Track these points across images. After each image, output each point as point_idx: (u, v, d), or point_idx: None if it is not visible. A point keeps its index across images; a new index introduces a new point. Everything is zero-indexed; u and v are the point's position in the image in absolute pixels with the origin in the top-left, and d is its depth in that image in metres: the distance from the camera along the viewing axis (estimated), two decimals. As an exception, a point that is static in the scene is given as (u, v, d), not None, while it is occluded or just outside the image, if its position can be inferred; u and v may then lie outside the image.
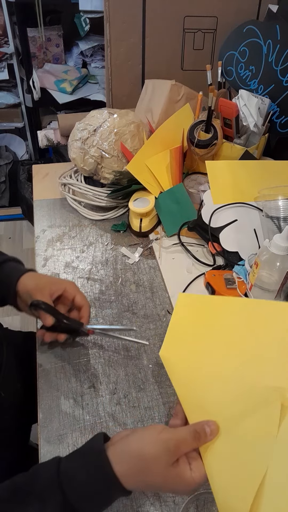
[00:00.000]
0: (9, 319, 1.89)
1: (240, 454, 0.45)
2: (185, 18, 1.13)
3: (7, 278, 0.64)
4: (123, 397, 0.63)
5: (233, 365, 0.50)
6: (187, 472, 0.43)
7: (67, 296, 0.65)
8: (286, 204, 0.79)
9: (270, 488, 0.42)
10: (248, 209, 0.88)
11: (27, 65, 1.87)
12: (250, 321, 0.53)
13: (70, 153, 0.96)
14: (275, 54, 0.93)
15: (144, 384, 0.65)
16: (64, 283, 0.65)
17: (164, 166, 0.97)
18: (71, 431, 0.59)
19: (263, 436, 0.45)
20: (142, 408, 0.62)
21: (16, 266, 0.67)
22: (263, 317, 0.53)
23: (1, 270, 0.66)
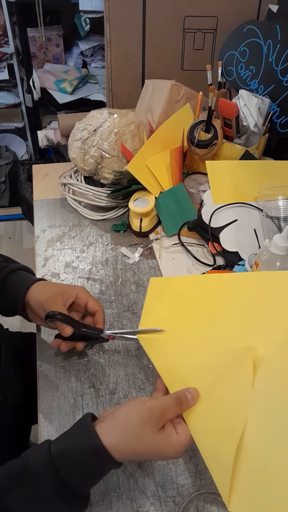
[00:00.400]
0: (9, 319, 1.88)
1: (220, 411, 0.48)
2: (185, 18, 1.12)
3: (16, 289, 0.63)
4: (123, 397, 0.63)
5: (205, 333, 0.55)
6: (173, 435, 0.46)
7: (79, 302, 0.63)
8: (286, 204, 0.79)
9: (250, 436, 0.46)
10: (248, 209, 0.88)
11: (27, 65, 1.87)
12: (217, 292, 0.58)
13: (70, 153, 0.96)
14: (275, 54, 0.93)
15: (144, 384, 0.65)
16: (75, 289, 0.63)
17: (164, 166, 0.97)
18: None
19: (239, 392, 0.49)
20: (142, 408, 0.62)
21: (25, 276, 0.65)
22: (228, 287, 0.58)
23: (10, 280, 0.64)
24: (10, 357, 0.79)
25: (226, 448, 0.46)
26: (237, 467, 0.45)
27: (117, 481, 0.55)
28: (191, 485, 0.55)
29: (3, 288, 0.63)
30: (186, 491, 0.54)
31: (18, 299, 0.62)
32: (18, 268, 0.66)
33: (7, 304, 0.64)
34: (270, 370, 0.49)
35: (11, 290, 0.63)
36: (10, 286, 0.63)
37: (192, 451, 0.58)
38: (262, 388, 0.48)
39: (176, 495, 0.54)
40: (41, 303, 0.60)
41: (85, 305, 0.63)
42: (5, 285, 0.63)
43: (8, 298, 0.63)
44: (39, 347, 0.70)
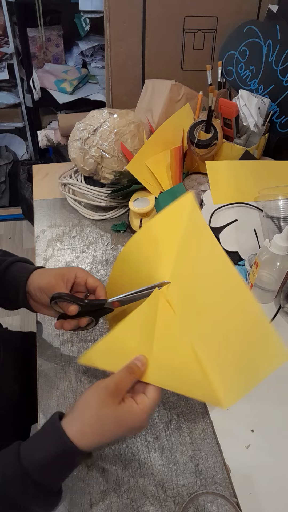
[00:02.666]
0: (9, 319, 1.89)
1: (168, 352, 0.53)
2: (185, 18, 1.13)
3: (16, 280, 0.63)
4: (123, 397, 0.63)
5: (141, 277, 0.59)
6: (133, 405, 0.47)
7: (79, 282, 0.63)
8: (286, 204, 0.79)
9: (199, 347, 0.52)
10: (248, 209, 0.88)
11: (27, 65, 1.88)
12: (149, 239, 0.61)
13: (70, 153, 0.96)
14: (275, 54, 0.93)
15: (144, 384, 0.65)
16: (73, 270, 0.63)
17: (164, 166, 0.96)
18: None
19: (170, 327, 0.54)
20: (142, 408, 0.62)
21: (24, 267, 0.65)
22: (156, 232, 0.60)
23: (9, 272, 0.64)
24: (9, 357, 0.79)
25: (192, 372, 0.51)
26: (209, 374, 0.51)
27: (117, 481, 0.55)
28: (191, 485, 0.55)
29: (3, 281, 0.63)
30: (186, 491, 0.54)
31: (19, 290, 0.62)
32: (16, 260, 0.66)
33: (9, 297, 0.64)
34: (179, 290, 0.55)
35: (11, 282, 0.63)
36: (10, 278, 0.63)
37: (192, 451, 0.58)
38: (182, 307, 0.54)
39: (176, 495, 0.54)
40: (43, 288, 0.60)
41: (84, 283, 0.63)
42: (5, 278, 0.63)
43: (10, 290, 0.63)
44: (39, 347, 0.70)
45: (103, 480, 0.55)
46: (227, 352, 0.51)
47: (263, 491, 0.54)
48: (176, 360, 0.53)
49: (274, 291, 0.76)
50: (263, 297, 0.77)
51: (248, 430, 0.61)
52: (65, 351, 0.69)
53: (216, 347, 0.52)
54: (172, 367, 0.52)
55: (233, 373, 0.51)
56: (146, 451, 0.58)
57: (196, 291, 0.54)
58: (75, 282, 0.63)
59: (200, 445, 0.58)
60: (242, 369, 0.50)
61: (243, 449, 0.58)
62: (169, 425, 0.61)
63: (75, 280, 0.63)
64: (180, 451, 0.58)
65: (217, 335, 0.52)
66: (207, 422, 0.61)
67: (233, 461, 0.57)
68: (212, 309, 0.52)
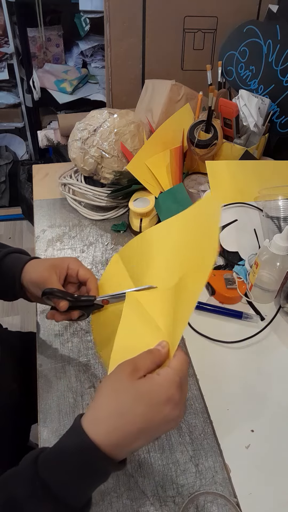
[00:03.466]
0: (9, 319, 1.89)
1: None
2: (185, 18, 1.13)
3: (11, 272, 0.62)
4: (123, 397, 0.63)
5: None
6: (155, 377, 0.40)
7: (71, 273, 0.62)
8: (286, 204, 0.79)
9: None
10: (248, 209, 0.88)
11: (27, 65, 1.88)
12: (149, 248, 0.59)
13: (70, 153, 0.96)
14: (275, 54, 0.93)
15: (144, 384, 0.65)
16: (66, 261, 0.62)
17: (164, 166, 0.96)
18: (71, 431, 0.59)
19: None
20: (142, 408, 0.62)
21: (18, 258, 0.64)
22: (159, 239, 0.59)
23: (4, 264, 0.63)
24: (7, 356, 0.79)
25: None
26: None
27: (117, 481, 0.55)
28: (191, 485, 0.55)
29: (0, 273, 0.63)
30: (186, 491, 0.54)
31: (15, 282, 0.61)
32: (11, 251, 0.65)
33: (6, 288, 0.63)
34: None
35: (7, 273, 0.62)
36: (6, 270, 0.63)
37: (192, 451, 0.58)
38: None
39: (176, 495, 0.54)
40: (35, 281, 0.60)
41: (76, 274, 0.62)
42: (1, 269, 0.63)
43: (6, 282, 0.62)
44: (39, 347, 0.70)
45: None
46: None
47: (263, 491, 0.54)
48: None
49: (274, 291, 0.76)
50: (263, 297, 0.77)
51: (248, 430, 0.61)
52: (65, 351, 0.69)
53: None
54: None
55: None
56: (146, 451, 0.58)
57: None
58: (68, 273, 0.62)
59: (200, 445, 0.58)
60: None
61: (243, 449, 0.58)
62: (169, 425, 0.61)
63: (67, 272, 0.62)
64: (180, 451, 0.58)
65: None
66: (207, 422, 0.61)
67: (233, 461, 0.57)
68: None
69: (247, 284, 0.78)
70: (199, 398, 0.64)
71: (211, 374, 0.67)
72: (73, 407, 0.62)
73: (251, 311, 0.77)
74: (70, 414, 0.61)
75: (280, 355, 0.70)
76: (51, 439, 0.58)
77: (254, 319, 0.75)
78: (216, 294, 0.78)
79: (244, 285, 0.77)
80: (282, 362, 0.69)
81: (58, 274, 0.60)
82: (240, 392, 0.65)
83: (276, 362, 0.69)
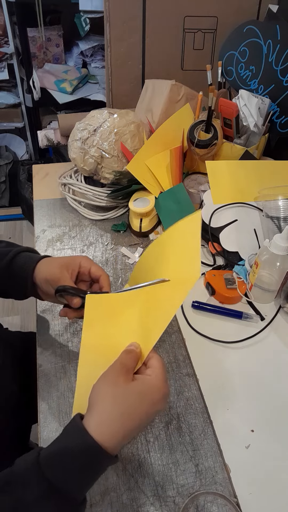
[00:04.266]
0: (9, 319, 1.89)
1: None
2: (185, 18, 1.12)
3: (23, 271, 0.62)
4: (123, 397, 0.63)
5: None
6: (147, 377, 0.46)
7: (83, 271, 0.63)
8: (286, 204, 0.79)
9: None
10: (248, 209, 0.88)
11: (27, 65, 1.88)
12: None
13: (70, 153, 0.96)
14: (275, 54, 0.93)
15: (144, 384, 0.65)
16: (78, 259, 0.63)
17: (164, 166, 0.97)
18: (71, 431, 0.59)
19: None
20: (142, 408, 0.62)
21: (30, 257, 0.64)
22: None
23: (16, 263, 0.63)
24: (8, 357, 0.79)
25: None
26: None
27: (117, 481, 0.55)
28: (191, 485, 0.55)
29: (11, 271, 0.63)
30: (186, 491, 0.54)
31: (27, 280, 0.62)
32: (22, 250, 0.65)
33: (18, 287, 0.64)
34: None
35: (18, 272, 0.63)
36: (17, 269, 0.63)
37: (192, 451, 0.58)
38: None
39: (176, 495, 0.54)
40: (47, 280, 0.60)
41: (88, 272, 0.63)
42: (13, 269, 0.63)
43: (17, 281, 0.63)
44: (39, 347, 0.70)
45: (103, 480, 0.55)
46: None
47: (263, 491, 0.54)
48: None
49: (274, 291, 0.76)
50: (263, 297, 0.77)
51: (248, 430, 0.61)
52: (65, 351, 0.69)
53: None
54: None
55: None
56: (146, 451, 0.58)
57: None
58: (80, 271, 0.62)
59: (200, 445, 0.58)
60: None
61: (243, 449, 0.58)
62: (169, 425, 0.61)
63: (79, 270, 0.62)
64: (180, 451, 0.58)
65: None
66: (207, 422, 0.61)
67: (233, 461, 0.57)
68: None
69: (247, 284, 0.78)
70: (199, 398, 0.64)
71: (211, 374, 0.67)
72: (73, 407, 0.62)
73: (251, 311, 0.77)
74: (70, 414, 0.61)
75: (280, 355, 0.70)
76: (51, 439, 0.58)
77: (254, 319, 0.75)
78: (216, 294, 0.78)
79: (244, 285, 0.77)
80: (282, 362, 0.69)
81: (70, 272, 0.61)
82: (240, 392, 0.65)
83: (276, 362, 0.69)
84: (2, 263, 0.63)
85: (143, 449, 0.58)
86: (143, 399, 0.44)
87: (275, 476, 0.56)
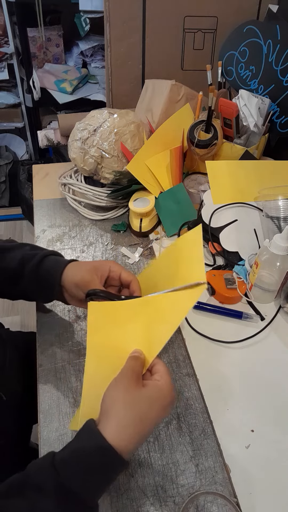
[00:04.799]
0: (9, 319, 1.89)
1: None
2: (185, 18, 1.12)
3: (50, 275, 0.62)
4: (123, 397, 0.63)
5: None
6: (157, 382, 0.47)
7: (113, 276, 0.62)
8: (286, 204, 0.79)
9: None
10: (248, 209, 0.88)
11: (27, 65, 1.88)
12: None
13: (70, 153, 0.96)
14: (275, 54, 0.93)
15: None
16: (107, 264, 0.63)
17: (164, 166, 0.97)
18: (71, 431, 0.59)
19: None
20: (142, 408, 0.62)
21: (57, 260, 0.64)
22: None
23: (43, 266, 0.63)
24: (13, 358, 0.79)
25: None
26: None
27: (117, 481, 0.55)
28: (191, 485, 0.55)
29: (38, 275, 0.63)
30: (186, 491, 0.54)
31: (54, 284, 0.62)
32: (48, 254, 0.65)
33: (45, 291, 0.64)
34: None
35: (45, 276, 0.62)
36: (44, 272, 0.63)
37: (192, 451, 0.58)
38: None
39: (176, 495, 0.54)
40: (76, 283, 0.60)
41: (118, 277, 0.63)
42: (40, 272, 0.63)
43: (44, 285, 0.63)
44: (39, 347, 0.70)
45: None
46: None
47: (263, 491, 0.54)
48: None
49: (274, 291, 0.76)
50: (263, 297, 0.77)
51: (248, 430, 0.61)
52: (65, 351, 0.69)
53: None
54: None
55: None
56: (146, 451, 0.58)
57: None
58: (109, 276, 0.62)
59: (200, 445, 0.58)
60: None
61: (243, 449, 0.58)
62: (169, 425, 0.61)
63: (109, 274, 0.62)
64: (180, 451, 0.58)
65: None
66: (207, 422, 0.61)
67: (233, 461, 0.57)
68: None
69: (247, 284, 0.78)
70: (199, 398, 0.64)
71: (211, 374, 0.67)
72: (73, 407, 0.62)
73: (251, 311, 0.77)
74: (70, 414, 0.61)
75: (280, 355, 0.70)
76: (51, 439, 0.58)
77: (254, 319, 0.75)
78: (216, 294, 0.78)
79: (244, 285, 0.77)
80: (282, 362, 0.69)
81: (100, 276, 0.61)
82: (240, 392, 0.65)
83: (276, 362, 0.69)
84: (29, 266, 0.63)
85: (143, 449, 0.58)
86: (154, 404, 0.45)
87: (275, 476, 0.56)
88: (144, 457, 0.57)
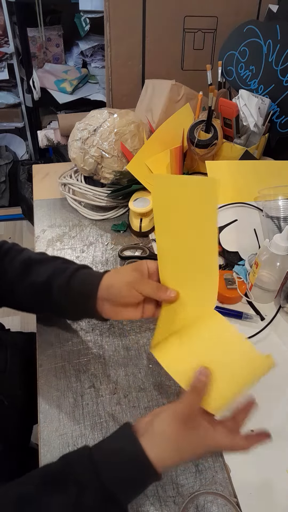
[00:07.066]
0: (9, 319, 1.89)
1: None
2: (185, 18, 1.13)
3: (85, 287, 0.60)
4: (123, 397, 0.63)
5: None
6: (209, 432, 0.48)
7: (152, 273, 0.59)
8: (286, 204, 0.79)
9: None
10: (248, 209, 0.88)
11: (27, 65, 1.87)
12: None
13: (70, 153, 0.96)
14: (275, 54, 0.93)
15: (144, 384, 0.65)
16: (143, 263, 0.59)
17: (164, 166, 0.97)
18: (71, 431, 0.59)
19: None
20: (142, 408, 0.62)
21: (90, 273, 0.62)
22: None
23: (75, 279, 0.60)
24: (15, 360, 0.79)
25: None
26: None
27: (117, 481, 0.55)
28: (191, 485, 0.55)
29: (71, 289, 0.60)
30: (186, 491, 0.54)
31: (90, 296, 0.59)
32: (79, 268, 0.63)
33: (78, 306, 0.61)
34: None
35: (79, 289, 0.60)
36: (77, 285, 0.60)
37: (192, 451, 0.58)
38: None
39: (176, 495, 0.54)
40: (129, 282, 0.57)
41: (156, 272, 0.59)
42: (73, 286, 0.60)
43: (78, 298, 0.60)
44: (39, 347, 0.70)
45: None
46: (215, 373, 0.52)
47: (263, 491, 0.54)
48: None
49: (274, 291, 0.76)
50: (263, 297, 0.77)
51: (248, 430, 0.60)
52: (65, 351, 0.69)
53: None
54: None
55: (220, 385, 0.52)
56: (146, 451, 0.58)
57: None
58: (149, 272, 0.59)
59: (200, 445, 0.58)
60: (227, 382, 0.51)
61: (243, 449, 0.58)
62: (169, 425, 0.61)
63: (148, 272, 0.59)
64: (180, 451, 0.58)
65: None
66: (207, 422, 0.61)
67: (233, 461, 0.57)
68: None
69: (247, 284, 0.78)
70: (199, 398, 0.64)
71: (211, 374, 0.67)
72: (73, 407, 0.62)
73: (251, 311, 0.77)
74: (70, 414, 0.61)
75: (280, 355, 0.70)
76: (51, 439, 0.58)
77: (254, 319, 0.75)
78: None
79: (244, 285, 0.77)
80: (282, 362, 0.69)
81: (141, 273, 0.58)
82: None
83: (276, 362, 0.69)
84: (60, 280, 0.60)
85: (143, 449, 0.58)
86: (198, 450, 0.47)
87: (275, 476, 0.56)
88: (144, 457, 0.57)
